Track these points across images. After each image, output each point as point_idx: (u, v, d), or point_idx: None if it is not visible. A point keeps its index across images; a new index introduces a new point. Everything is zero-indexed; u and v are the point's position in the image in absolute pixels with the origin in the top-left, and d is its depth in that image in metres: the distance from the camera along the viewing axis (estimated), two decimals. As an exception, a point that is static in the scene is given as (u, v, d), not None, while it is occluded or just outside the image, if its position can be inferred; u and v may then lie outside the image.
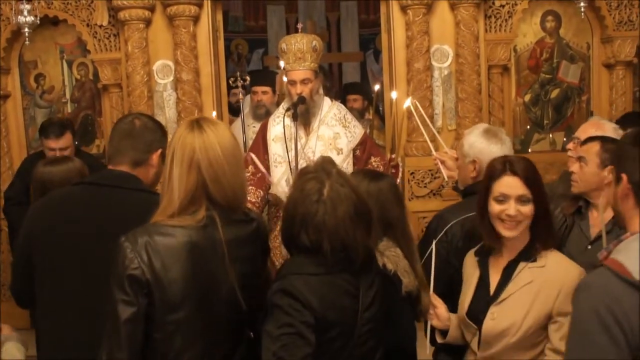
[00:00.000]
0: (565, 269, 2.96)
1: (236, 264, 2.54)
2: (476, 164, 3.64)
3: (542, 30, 6.47)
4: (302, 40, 5.02)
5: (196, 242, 2.49)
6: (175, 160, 2.54)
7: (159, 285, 2.43)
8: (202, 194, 2.53)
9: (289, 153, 4.96)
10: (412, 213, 5.77)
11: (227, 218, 2.56)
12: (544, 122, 6.54)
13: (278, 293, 2.49)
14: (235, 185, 2.58)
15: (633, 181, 2.20)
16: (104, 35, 6.16)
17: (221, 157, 2.54)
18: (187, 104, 5.92)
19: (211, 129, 2.57)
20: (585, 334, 2.07)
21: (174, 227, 2.50)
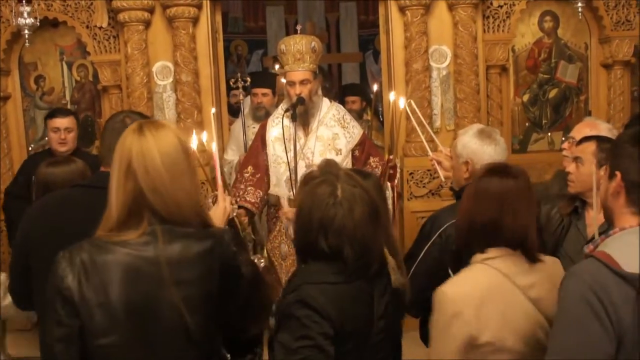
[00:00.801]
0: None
1: (180, 286, 2.30)
2: (469, 164, 3.63)
3: (540, 30, 6.47)
4: (301, 41, 5.02)
5: (134, 261, 2.29)
6: (114, 166, 2.36)
7: (87, 308, 2.24)
8: (142, 205, 2.32)
9: (288, 154, 4.97)
10: (410, 213, 5.80)
11: (173, 234, 2.33)
12: (543, 122, 6.55)
13: (296, 304, 2.43)
14: (178, 197, 2.34)
15: (626, 179, 2.22)
16: (104, 37, 6.16)
17: (159, 164, 2.30)
18: (186, 105, 5.92)
19: (152, 133, 2.35)
20: (576, 320, 2.09)
21: (114, 243, 2.30)
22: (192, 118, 5.92)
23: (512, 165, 2.97)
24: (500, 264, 2.78)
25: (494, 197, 2.82)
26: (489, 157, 3.56)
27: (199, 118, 5.95)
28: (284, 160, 5.05)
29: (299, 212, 2.58)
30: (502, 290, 2.75)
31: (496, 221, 2.79)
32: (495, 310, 2.71)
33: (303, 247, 2.59)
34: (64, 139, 5.62)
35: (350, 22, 12.44)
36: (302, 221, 2.56)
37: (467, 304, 2.70)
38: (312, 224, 2.51)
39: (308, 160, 5.05)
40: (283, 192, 5.10)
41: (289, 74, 5.04)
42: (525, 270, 2.79)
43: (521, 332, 2.73)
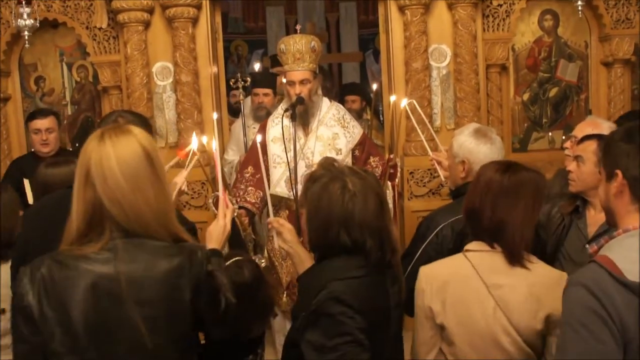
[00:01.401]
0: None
1: (141, 305, 2.17)
2: (465, 164, 3.62)
3: (540, 29, 6.45)
4: (300, 41, 5.02)
5: (94, 278, 2.17)
6: (75, 175, 2.25)
7: (47, 326, 2.16)
8: (103, 216, 2.21)
9: (288, 154, 4.96)
10: (411, 212, 5.78)
11: (137, 249, 2.21)
12: (543, 120, 6.53)
13: (328, 301, 2.41)
14: (140, 208, 2.21)
15: (628, 176, 2.21)
16: (104, 38, 6.14)
17: (117, 173, 2.18)
18: (186, 105, 5.90)
19: (111, 140, 2.23)
20: (584, 329, 2.07)
21: (74, 258, 2.19)
22: (192, 118, 5.89)
23: (523, 165, 2.99)
24: (476, 258, 2.87)
25: (480, 186, 2.91)
26: (485, 156, 3.55)
27: (199, 118, 5.92)
28: (283, 160, 5.05)
29: (315, 211, 2.57)
30: (467, 281, 2.84)
31: (476, 210, 2.89)
32: (453, 298, 2.83)
33: (322, 244, 2.58)
34: (46, 139, 5.69)
35: (350, 22, 12.44)
36: (320, 219, 2.55)
37: (430, 283, 2.89)
38: (331, 221, 2.51)
39: (308, 160, 5.04)
40: (283, 192, 5.09)
41: (288, 73, 5.04)
42: (499, 270, 2.83)
43: (474, 327, 2.80)
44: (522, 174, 2.89)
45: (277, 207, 5.24)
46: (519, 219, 2.83)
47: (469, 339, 2.83)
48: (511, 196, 2.83)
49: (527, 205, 2.85)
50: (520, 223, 2.83)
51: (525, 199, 2.85)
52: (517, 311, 2.77)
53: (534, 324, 2.76)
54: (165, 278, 2.21)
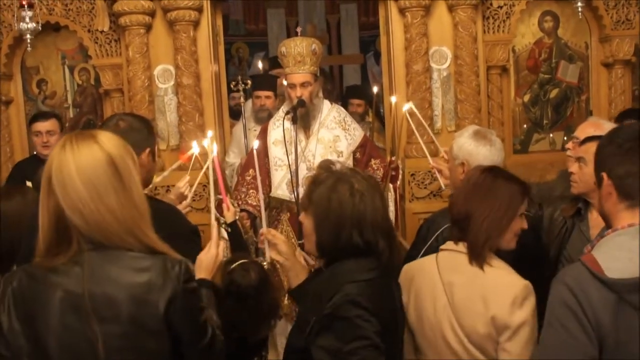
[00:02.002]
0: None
1: (107, 323, 2.08)
2: (465, 166, 3.64)
3: (541, 30, 6.44)
4: (301, 43, 5.02)
5: (60, 293, 2.10)
6: (41, 184, 2.17)
7: (15, 341, 2.10)
8: (68, 226, 2.13)
9: (289, 156, 4.96)
10: (412, 214, 5.77)
11: (105, 262, 2.12)
12: (544, 122, 6.52)
13: (345, 305, 2.40)
14: (102, 218, 2.11)
15: (613, 176, 2.30)
16: (105, 41, 6.14)
17: (76, 180, 2.09)
18: (188, 108, 5.89)
19: (72, 147, 2.14)
20: (557, 322, 2.16)
21: (44, 270, 2.12)
22: (194, 121, 5.88)
23: (510, 174, 3.04)
24: (442, 255, 2.95)
25: (463, 183, 3.06)
26: (484, 158, 3.57)
27: (200, 121, 5.92)
28: (285, 163, 5.05)
29: (324, 213, 2.54)
30: (427, 277, 2.92)
31: (452, 203, 3.00)
32: (415, 291, 2.92)
33: (333, 247, 2.55)
34: (46, 142, 5.71)
35: (351, 24, 12.45)
36: (331, 221, 2.53)
37: (404, 277, 2.99)
38: (344, 222, 2.51)
39: (309, 162, 5.04)
40: (284, 194, 5.09)
41: (289, 76, 5.04)
42: (457, 268, 2.87)
43: (427, 322, 2.87)
44: (500, 179, 2.94)
45: (278, 210, 5.25)
46: (485, 216, 2.84)
47: (423, 332, 2.90)
48: (483, 194, 2.88)
49: (498, 208, 2.87)
50: (486, 221, 2.84)
51: (496, 202, 2.87)
52: (463, 310, 2.81)
53: (476, 326, 2.77)
54: (134, 294, 2.11)
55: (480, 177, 2.93)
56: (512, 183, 2.94)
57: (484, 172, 2.96)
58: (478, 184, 2.91)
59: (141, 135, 3.11)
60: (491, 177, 2.92)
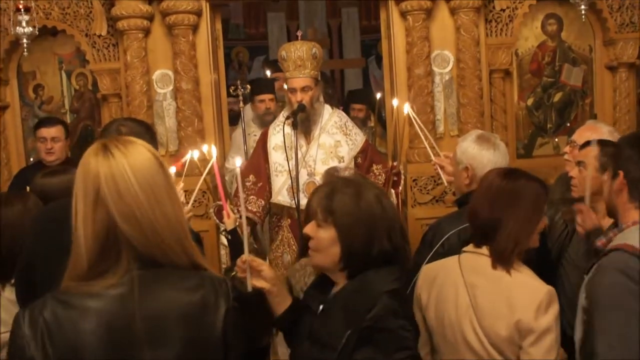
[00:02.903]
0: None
1: (161, 349, 1.94)
2: (469, 170, 3.65)
3: (544, 33, 6.46)
4: (301, 47, 5.04)
5: (108, 319, 1.92)
6: (77, 199, 1.99)
7: None
8: (117, 241, 1.96)
9: (290, 162, 4.97)
10: (414, 220, 5.77)
11: (155, 282, 1.98)
12: (547, 126, 6.53)
13: (387, 316, 2.39)
14: (159, 225, 1.98)
15: (629, 178, 2.52)
16: (103, 45, 6.16)
17: (135, 185, 1.96)
18: (187, 113, 5.90)
19: (120, 150, 2.01)
20: (621, 310, 2.31)
21: (83, 296, 1.93)
22: (193, 126, 5.89)
23: (526, 172, 3.08)
24: (466, 257, 2.99)
25: (482, 189, 3.04)
26: (489, 162, 3.59)
27: (199, 126, 5.93)
28: (285, 169, 5.06)
29: (355, 222, 2.51)
30: (451, 277, 2.98)
31: (475, 211, 3.00)
32: (437, 290, 2.99)
33: (365, 256, 2.52)
34: (51, 148, 5.71)
35: (352, 28, 12.46)
36: (363, 229, 2.51)
37: (424, 276, 3.10)
38: (376, 229, 2.51)
39: (310, 168, 5.05)
40: (284, 200, 5.10)
41: (289, 80, 5.06)
42: (481, 271, 2.92)
43: (447, 321, 2.93)
44: (522, 180, 2.97)
45: (279, 216, 5.26)
46: (515, 222, 2.89)
47: (442, 332, 2.95)
48: (509, 199, 2.91)
49: (526, 211, 2.92)
50: (515, 226, 2.89)
51: (524, 206, 2.91)
52: (486, 313, 2.85)
53: (498, 328, 2.82)
54: (188, 314, 1.98)
55: (502, 182, 2.96)
56: (533, 182, 2.98)
57: (504, 176, 2.99)
58: (501, 188, 2.94)
59: (143, 140, 3.10)
60: (513, 180, 2.96)
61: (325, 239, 2.55)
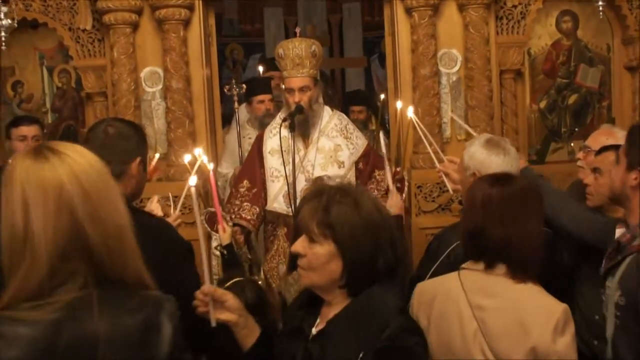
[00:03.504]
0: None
1: None
2: (477, 177, 3.61)
3: (559, 31, 6.48)
4: (300, 45, 5.05)
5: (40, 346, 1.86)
6: (31, 206, 1.90)
7: None
8: (77, 250, 1.93)
9: (286, 167, 4.97)
10: (419, 229, 5.78)
11: (102, 300, 1.94)
12: (562, 130, 6.55)
13: (403, 334, 2.40)
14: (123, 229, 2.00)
15: None
16: (88, 40, 6.14)
17: (98, 182, 1.97)
18: (177, 114, 5.90)
19: (70, 150, 2.00)
20: None
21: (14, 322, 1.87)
22: (183, 128, 5.90)
23: (514, 174, 3.05)
24: (468, 276, 2.93)
25: (478, 203, 2.95)
26: (497, 168, 3.58)
27: (190, 128, 5.93)
28: (281, 174, 5.05)
29: (357, 234, 2.47)
30: (452, 299, 2.91)
31: (479, 229, 2.91)
32: (437, 314, 2.92)
33: (369, 271, 2.49)
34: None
35: (354, 24, 12.44)
36: (367, 242, 2.48)
37: (420, 298, 3.01)
38: (380, 241, 2.49)
39: (308, 173, 5.05)
40: (281, 207, 5.11)
41: (287, 80, 5.07)
42: (488, 291, 2.87)
43: (453, 347, 2.87)
44: (518, 183, 2.97)
45: (274, 224, 5.26)
46: (529, 231, 2.87)
47: (447, 358, 2.89)
48: (517, 207, 2.88)
49: (538, 215, 2.92)
50: (530, 236, 2.87)
51: (533, 209, 2.91)
52: (499, 337, 2.80)
53: (513, 353, 2.77)
54: (130, 337, 1.96)
55: (501, 192, 2.92)
56: (525, 182, 2.99)
57: (497, 185, 2.94)
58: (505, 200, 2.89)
59: (131, 143, 3.12)
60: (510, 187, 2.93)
61: (323, 255, 2.49)
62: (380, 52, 11.61)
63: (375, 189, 5.17)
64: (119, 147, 3.06)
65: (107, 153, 2.86)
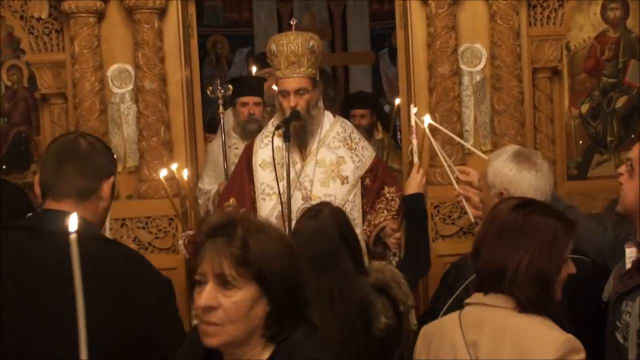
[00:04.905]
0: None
1: None
2: (503, 197, 3.60)
3: (604, 21, 6.48)
4: (296, 40, 5.04)
5: None
6: None
7: None
8: None
9: (280, 183, 4.97)
10: (436, 257, 5.74)
11: None
12: (607, 139, 6.55)
13: None
14: None
15: None
16: (43, 32, 6.15)
17: None
18: (150, 119, 5.91)
19: None
20: None
21: None
22: (158, 136, 5.90)
23: (547, 206, 3.11)
24: (468, 311, 2.98)
25: (487, 221, 3.06)
26: (529, 186, 3.58)
27: (166, 136, 5.95)
28: (274, 191, 5.05)
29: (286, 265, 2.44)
30: (447, 338, 2.96)
31: (477, 249, 3.00)
32: (434, 356, 2.99)
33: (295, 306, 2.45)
34: None
35: (359, 13, 12.46)
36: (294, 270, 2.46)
37: (421, 339, 3.10)
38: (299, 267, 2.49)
39: (305, 190, 5.05)
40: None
41: (281, 81, 5.05)
42: (483, 325, 2.90)
43: None
44: (535, 216, 2.97)
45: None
46: (522, 266, 2.88)
47: None
48: (514, 238, 2.92)
49: (534, 253, 2.90)
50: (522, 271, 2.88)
51: (532, 246, 2.90)
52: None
53: None
54: None
55: (508, 217, 2.97)
56: (548, 220, 2.98)
57: (513, 210, 2.99)
58: (506, 226, 2.95)
59: (106, 159, 3.15)
60: (522, 217, 2.96)
61: (246, 301, 2.36)
62: (391, 46, 11.62)
63: (384, 208, 5.17)
64: (93, 159, 3.07)
65: (80, 164, 2.96)
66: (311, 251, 3.55)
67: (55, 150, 3.09)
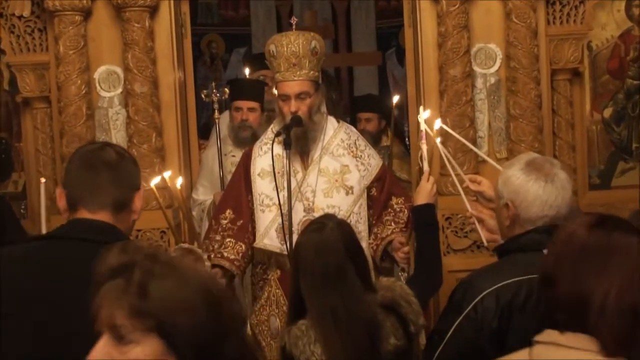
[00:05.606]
0: None
1: None
2: (510, 208, 3.58)
3: (629, 18, 6.50)
4: (296, 40, 5.03)
5: None
6: None
7: None
8: None
9: (280, 193, 4.97)
10: (447, 273, 5.76)
11: None
12: (632, 145, 6.58)
13: None
14: None
15: None
16: (25, 31, 6.18)
17: None
18: (141, 125, 5.94)
19: None
20: None
21: None
22: (149, 143, 5.93)
23: (621, 219, 2.86)
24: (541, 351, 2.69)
25: (559, 243, 2.79)
26: (535, 199, 3.49)
27: (158, 143, 5.98)
28: (274, 202, 5.05)
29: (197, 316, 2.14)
30: None
31: (549, 277, 2.75)
32: None
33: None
34: None
35: (365, 11, 12.45)
36: (210, 324, 2.17)
37: None
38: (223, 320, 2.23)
39: (307, 201, 5.04)
40: (272, 244, 5.10)
41: (281, 84, 5.05)
42: None
43: None
44: (617, 233, 2.73)
45: (264, 266, 5.23)
46: (609, 292, 2.63)
47: None
48: (597, 259, 2.68)
49: (623, 276, 2.66)
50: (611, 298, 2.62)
51: (619, 267, 2.66)
52: None
53: None
54: None
55: (589, 237, 2.71)
56: (631, 237, 2.75)
57: (591, 228, 2.73)
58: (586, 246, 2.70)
59: (135, 170, 3.21)
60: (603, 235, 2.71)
61: (145, 358, 2.11)
62: (398, 46, 11.63)
63: (392, 220, 5.17)
64: (125, 169, 3.12)
65: (115, 174, 3.02)
66: (315, 267, 3.62)
67: (82, 160, 3.13)
